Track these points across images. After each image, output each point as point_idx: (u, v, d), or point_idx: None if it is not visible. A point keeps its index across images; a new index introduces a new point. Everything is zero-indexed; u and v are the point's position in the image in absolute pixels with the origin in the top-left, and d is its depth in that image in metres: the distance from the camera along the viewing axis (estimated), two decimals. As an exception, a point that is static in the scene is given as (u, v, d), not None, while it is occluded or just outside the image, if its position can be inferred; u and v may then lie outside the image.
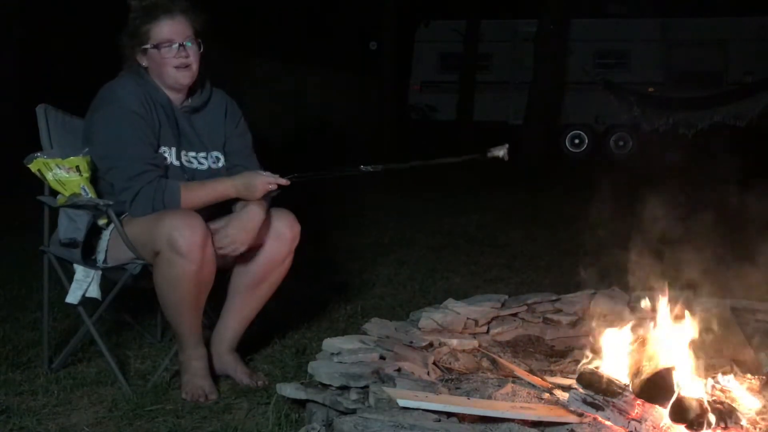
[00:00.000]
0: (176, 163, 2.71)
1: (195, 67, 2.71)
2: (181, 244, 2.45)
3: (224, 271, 2.79)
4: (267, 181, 2.63)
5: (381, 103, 15.32)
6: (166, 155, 2.68)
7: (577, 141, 15.50)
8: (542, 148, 11.95)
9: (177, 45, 2.67)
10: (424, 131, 15.41)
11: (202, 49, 2.73)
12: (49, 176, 2.65)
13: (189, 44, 2.69)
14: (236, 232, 2.62)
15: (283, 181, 2.66)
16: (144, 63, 2.71)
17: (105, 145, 2.62)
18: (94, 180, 2.70)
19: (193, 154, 2.76)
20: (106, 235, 2.68)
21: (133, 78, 2.70)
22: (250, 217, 2.64)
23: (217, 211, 2.74)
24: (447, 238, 5.89)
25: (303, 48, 17.40)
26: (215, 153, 2.82)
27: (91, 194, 2.66)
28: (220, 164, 2.82)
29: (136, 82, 2.69)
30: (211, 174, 2.77)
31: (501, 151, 2.66)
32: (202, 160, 2.78)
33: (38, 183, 2.75)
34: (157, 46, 2.67)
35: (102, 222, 2.68)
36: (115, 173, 2.60)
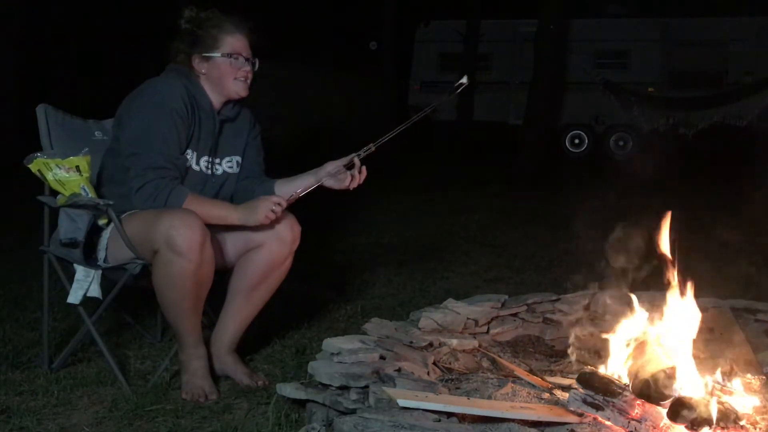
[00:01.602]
0: (195, 167, 2.74)
1: (249, 82, 2.80)
2: (180, 243, 2.46)
3: (224, 271, 2.79)
4: (271, 204, 2.64)
5: (381, 103, 15.32)
6: (188, 157, 2.70)
7: (577, 141, 15.50)
8: (542, 148, 11.94)
9: (245, 59, 2.75)
10: (424, 131, 15.40)
11: (257, 68, 2.80)
12: (49, 176, 2.65)
13: (254, 61, 2.78)
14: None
15: (284, 204, 2.68)
16: (203, 70, 2.73)
17: (135, 132, 2.63)
18: (97, 177, 2.71)
19: (217, 160, 2.81)
20: (106, 235, 2.69)
21: (180, 78, 2.72)
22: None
23: None
24: (447, 238, 5.89)
25: (303, 48, 17.40)
26: (236, 158, 2.86)
27: (91, 194, 2.66)
28: (237, 168, 2.86)
29: (182, 82, 2.70)
30: (226, 178, 2.82)
31: (462, 79, 2.80)
32: (217, 167, 2.82)
33: (38, 183, 2.75)
34: (230, 55, 2.72)
35: (102, 222, 2.69)
36: (135, 159, 2.61)
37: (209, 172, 2.78)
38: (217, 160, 2.81)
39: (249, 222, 2.66)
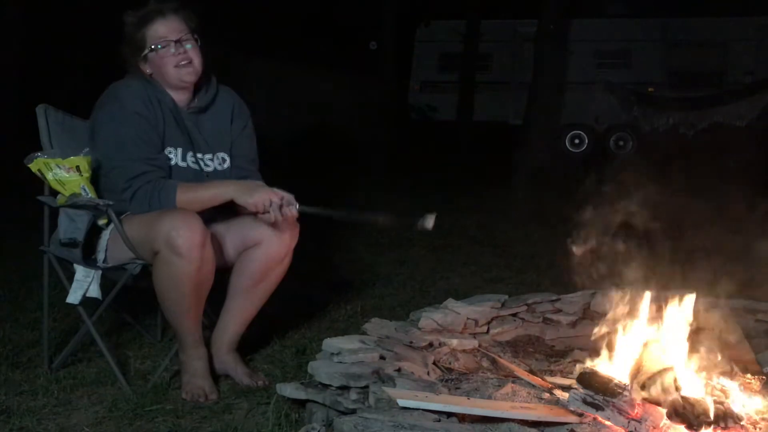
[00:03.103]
0: (182, 164, 2.71)
1: (196, 62, 2.72)
2: (180, 244, 2.46)
3: (224, 270, 2.79)
4: (268, 196, 2.58)
5: (381, 103, 15.32)
6: (171, 155, 2.69)
7: (577, 141, 15.50)
8: (542, 148, 11.94)
9: (173, 42, 2.68)
10: (424, 131, 15.41)
11: (200, 44, 2.73)
12: (50, 176, 2.65)
13: (187, 44, 2.70)
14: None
15: (279, 216, 2.58)
16: (147, 70, 2.72)
17: (107, 145, 2.64)
18: (95, 178, 2.71)
19: (200, 155, 2.77)
20: (106, 235, 2.69)
21: (138, 79, 2.71)
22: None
23: (218, 215, 2.74)
24: (447, 238, 5.89)
25: (303, 48, 17.40)
26: (221, 154, 2.82)
27: (91, 194, 2.66)
28: (226, 165, 2.82)
29: (141, 83, 2.70)
30: (216, 176, 2.77)
31: (430, 222, 2.76)
32: (209, 162, 2.79)
33: (38, 183, 2.75)
34: (154, 48, 2.68)
35: (102, 222, 2.68)
36: (117, 173, 2.62)
37: (197, 167, 2.75)
38: (201, 156, 2.77)
39: (240, 200, 2.61)
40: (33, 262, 3.36)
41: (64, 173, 2.64)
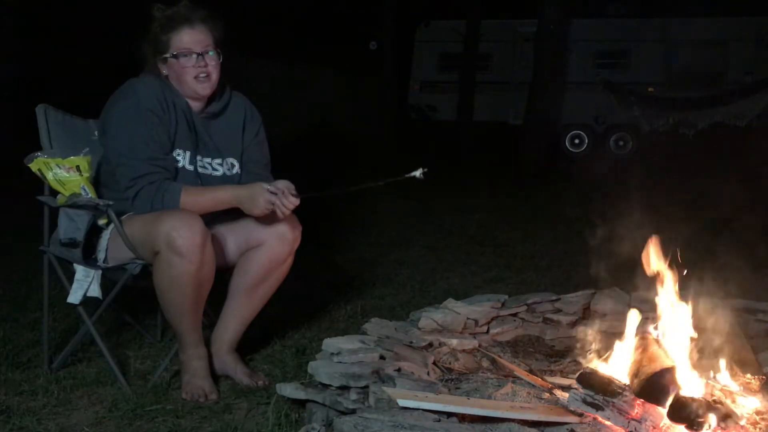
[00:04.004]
0: (190, 167, 2.71)
1: (214, 76, 2.71)
2: (180, 244, 2.46)
3: (224, 270, 2.79)
4: (270, 200, 2.58)
5: (381, 103, 15.33)
6: (179, 158, 2.68)
7: (577, 141, 15.49)
8: (542, 148, 11.94)
9: (196, 55, 2.67)
10: (424, 131, 15.41)
11: (222, 59, 2.72)
12: (50, 176, 2.65)
13: (210, 53, 2.69)
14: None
15: (286, 210, 2.60)
16: (164, 71, 2.71)
17: (117, 141, 2.63)
18: (95, 177, 2.71)
19: (208, 160, 2.76)
20: (106, 235, 2.69)
21: (156, 78, 2.71)
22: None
23: (221, 214, 2.74)
24: (447, 238, 5.89)
25: (303, 48, 17.40)
26: (231, 159, 2.82)
27: (91, 194, 2.66)
28: (235, 171, 2.81)
29: (158, 82, 2.69)
30: (224, 181, 2.77)
31: (417, 172, 2.69)
32: (217, 167, 2.78)
33: (38, 183, 2.75)
34: (176, 56, 2.67)
35: (102, 222, 2.69)
36: (122, 170, 2.61)
37: (205, 171, 2.76)
38: (209, 160, 2.77)
39: (248, 211, 2.62)
40: (33, 262, 3.37)
41: (64, 173, 2.64)
